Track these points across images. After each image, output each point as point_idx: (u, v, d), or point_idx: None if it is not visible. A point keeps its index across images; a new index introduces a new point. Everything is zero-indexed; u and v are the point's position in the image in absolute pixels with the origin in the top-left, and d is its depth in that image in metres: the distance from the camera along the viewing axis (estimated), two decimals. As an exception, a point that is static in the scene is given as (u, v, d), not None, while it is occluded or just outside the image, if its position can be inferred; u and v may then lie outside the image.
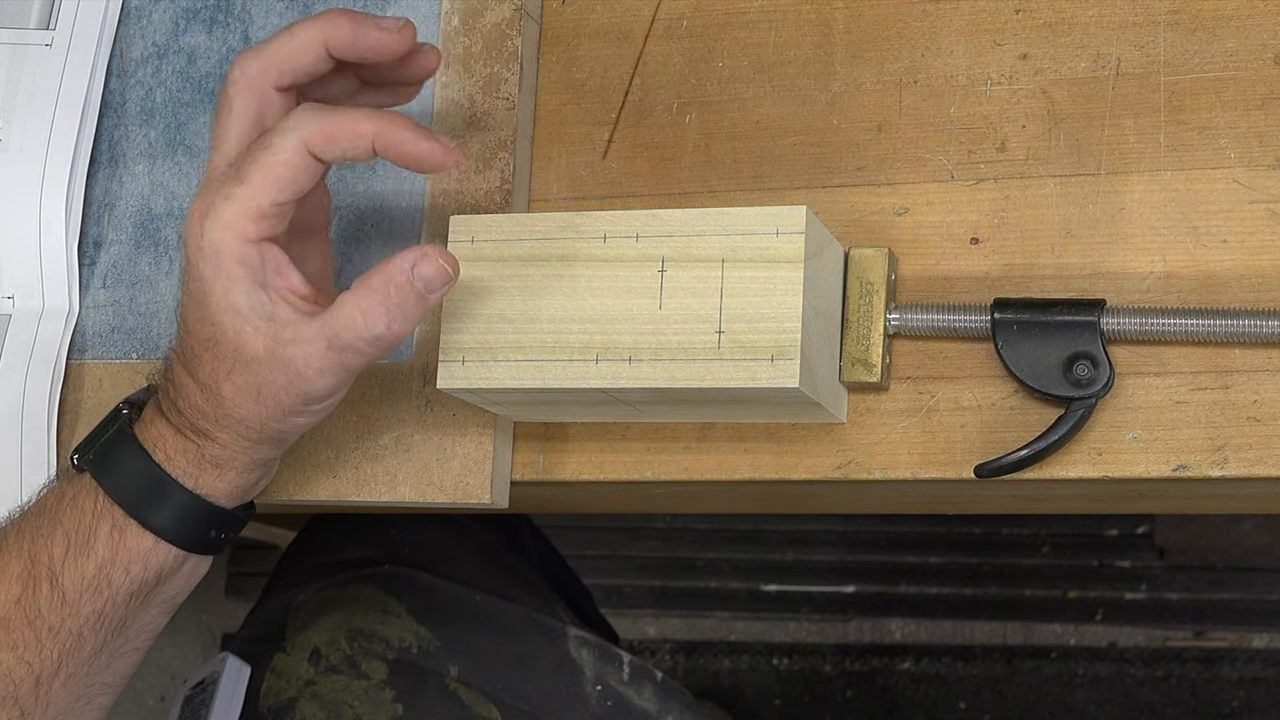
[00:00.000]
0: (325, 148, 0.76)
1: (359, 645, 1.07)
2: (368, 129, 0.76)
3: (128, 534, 0.82)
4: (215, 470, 0.82)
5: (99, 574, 0.82)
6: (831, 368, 0.83)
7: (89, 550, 0.82)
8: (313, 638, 1.09)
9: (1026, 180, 0.85)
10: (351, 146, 0.76)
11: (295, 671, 1.08)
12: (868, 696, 1.85)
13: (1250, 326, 0.79)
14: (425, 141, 0.77)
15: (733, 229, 0.79)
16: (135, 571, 0.82)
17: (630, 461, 0.88)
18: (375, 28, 0.79)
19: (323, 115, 0.76)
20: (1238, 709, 1.77)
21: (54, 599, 0.82)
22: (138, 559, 0.82)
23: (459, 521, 1.19)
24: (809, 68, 0.89)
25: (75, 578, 0.82)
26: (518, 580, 1.16)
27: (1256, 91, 0.83)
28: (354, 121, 0.76)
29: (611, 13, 0.92)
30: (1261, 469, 0.80)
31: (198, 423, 0.80)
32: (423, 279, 0.76)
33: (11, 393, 0.93)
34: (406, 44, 0.80)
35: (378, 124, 0.76)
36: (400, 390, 0.90)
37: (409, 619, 1.08)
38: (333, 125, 0.76)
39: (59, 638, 0.82)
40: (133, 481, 0.82)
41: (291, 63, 0.79)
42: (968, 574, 1.84)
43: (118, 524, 0.82)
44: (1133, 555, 1.80)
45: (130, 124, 0.97)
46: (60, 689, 0.83)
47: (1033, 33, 0.86)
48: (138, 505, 0.82)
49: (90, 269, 0.96)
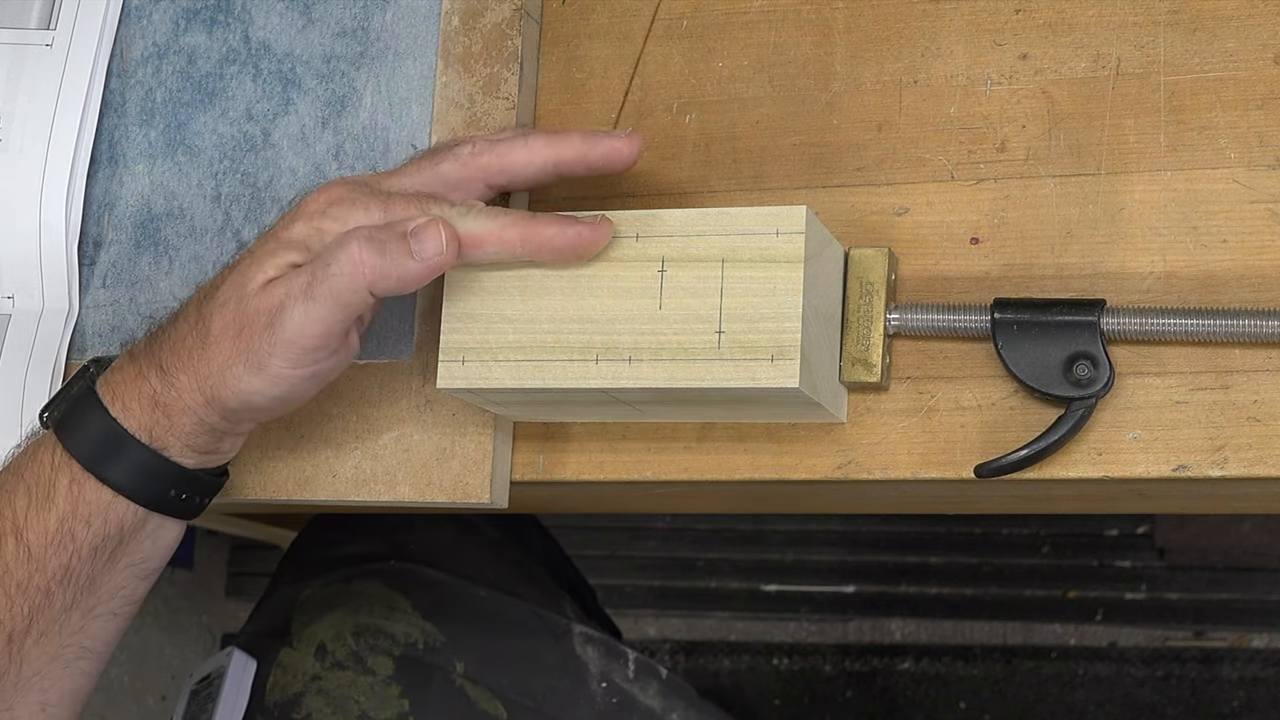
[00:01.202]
0: (472, 250, 0.79)
1: (365, 641, 1.07)
2: (514, 235, 0.79)
3: (86, 487, 0.83)
4: (166, 420, 0.82)
5: (61, 527, 0.82)
6: (831, 368, 0.83)
7: (50, 504, 0.83)
8: (319, 633, 1.09)
9: (1026, 180, 0.85)
10: (498, 251, 0.79)
11: (301, 666, 1.08)
12: (868, 696, 1.85)
13: (1250, 326, 0.79)
14: (571, 228, 0.79)
15: (733, 229, 0.79)
16: (96, 525, 0.83)
17: (630, 461, 0.88)
18: (607, 138, 0.82)
19: (468, 216, 0.79)
20: (1238, 709, 1.77)
21: (19, 554, 0.83)
22: (98, 512, 0.83)
23: (465, 518, 1.19)
24: (809, 68, 0.89)
25: (39, 531, 0.82)
26: (523, 576, 1.16)
27: (1256, 91, 0.83)
28: (501, 230, 0.79)
29: (611, 13, 0.92)
30: (1261, 469, 0.80)
31: (165, 357, 0.81)
32: (418, 244, 0.77)
33: (11, 392, 0.93)
34: (635, 150, 0.82)
35: (522, 229, 0.79)
36: (400, 390, 0.90)
37: (415, 615, 1.09)
38: (480, 232, 0.79)
39: (27, 593, 0.83)
40: (89, 435, 0.83)
41: (518, 172, 0.82)
42: (968, 574, 1.84)
43: (76, 477, 0.83)
44: (1133, 555, 1.80)
45: (130, 124, 0.97)
46: (34, 647, 0.84)
47: (1033, 33, 0.86)
48: (94, 459, 0.82)
49: (90, 269, 0.96)
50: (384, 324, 0.91)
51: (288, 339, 0.78)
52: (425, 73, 0.93)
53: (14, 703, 0.84)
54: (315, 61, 0.95)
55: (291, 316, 0.78)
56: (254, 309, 0.78)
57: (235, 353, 0.79)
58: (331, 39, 0.95)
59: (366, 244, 0.76)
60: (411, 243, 0.77)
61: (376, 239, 0.76)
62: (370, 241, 0.76)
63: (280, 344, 0.78)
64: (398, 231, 0.77)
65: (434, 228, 0.77)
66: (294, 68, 0.95)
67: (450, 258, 0.77)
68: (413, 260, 0.76)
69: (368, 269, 0.76)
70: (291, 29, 0.96)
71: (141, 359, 0.83)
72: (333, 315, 0.78)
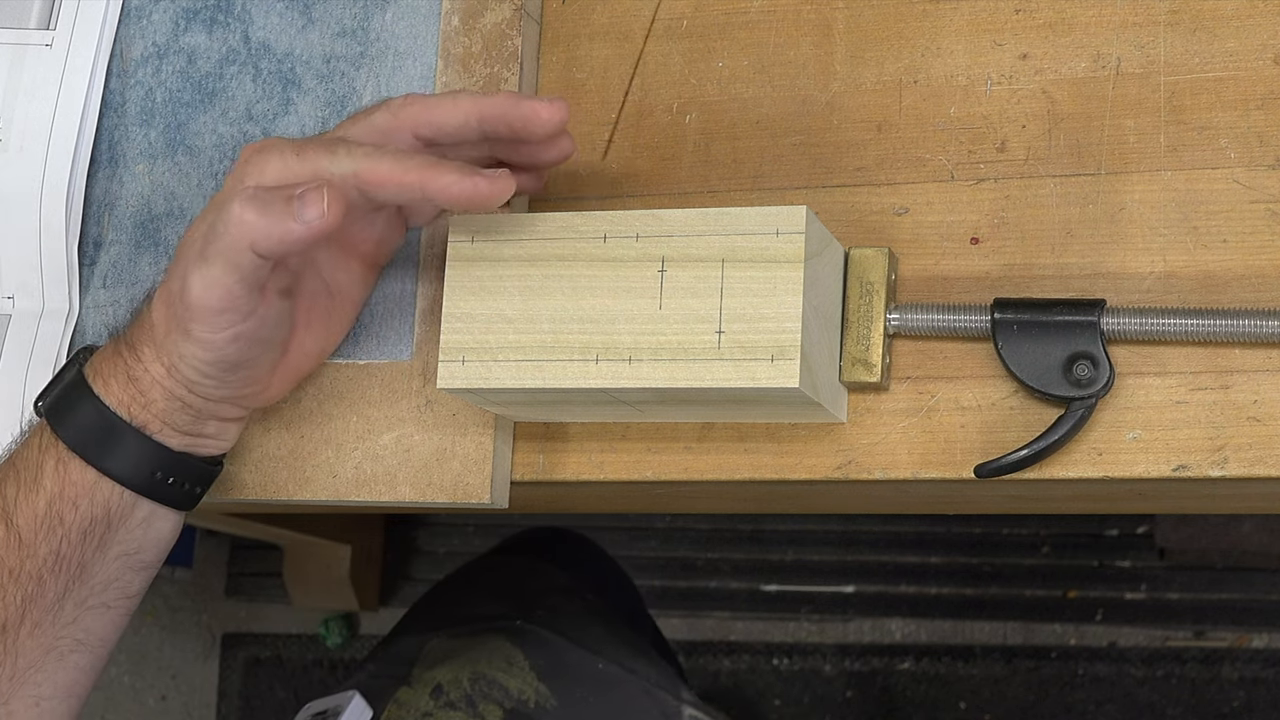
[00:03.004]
0: (374, 190, 0.79)
1: (480, 688, 1.09)
2: (414, 179, 0.78)
3: (71, 467, 0.83)
4: (141, 397, 0.83)
5: (49, 510, 0.83)
6: (831, 368, 0.83)
7: (38, 486, 0.83)
8: (438, 675, 1.11)
9: (1026, 180, 0.85)
10: (398, 191, 0.79)
11: (416, 704, 1.10)
12: (868, 696, 1.85)
13: (1250, 326, 0.79)
14: (469, 179, 0.78)
15: (733, 229, 0.79)
16: (84, 507, 0.83)
17: (630, 461, 0.88)
18: (530, 101, 0.81)
19: (374, 156, 0.79)
20: (1238, 709, 1.77)
21: (10, 540, 0.83)
22: (84, 493, 0.83)
23: (587, 598, 1.23)
24: (809, 68, 0.89)
25: (29, 515, 0.83)
26: (640, 654, 1.18)
27: (1256, 91, 0.83)
28: (404, 173, 0.78)
29: (611, 13, 0.92)
30: (1261, 469, 0.80)
31: (132, 332, 0.82)
32: (301, 206, 0.77)
33: (11, 393, 0.93)
34: (556, 116, 0.81)
35: (425, 171, 0.78)
36: (400, 390, 0.90)
37: (531, 675, 1.10)
38: (380, 168, 0.78)
39: (20, 582, 0.83)
40: (75, 416, 0.83)
41: (443, 124, 0.82)
42: (968, 574, 1.84)
43: (62, 458, 0.83)
44: (1133, 555, 1.80)
45: (130, 124, 0.97)
46: (28, 637, 0.84)
47: (1033, 33, 0.86)
48: (79, 440, 0.83)
49: (90, 269, 0.96)
50: (384, 324, 0.91)
51: (192, 302, 0.79)
52: (425, 73, 0.93)
53: (9, 696, 0.84)
54: (315, 61, 0.95)
55: (192, 280, 0.78)
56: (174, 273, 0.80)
57: (170, 319, 0.81)
58: (331, 39, 0.95)
59: (249, 203, 0.76)
60: (296, 205, 0.76)
61: (259, 198, 0.77)
62: (253, 200, 0.77)
63: (190, 308, 0.79)
64: (283, 195, 0.77)
65: (317, 193, 0.76)
66: (294, 68, 0.95)
67: (333, 220, 0.77)
68: (294, 222, 0.76)
69: (249, 228, 0.76)
70: (291, 29, 0.96)
71: (120, 339, 0.84)
72: (227, 276, 0.78)
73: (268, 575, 2.05)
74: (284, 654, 2.04)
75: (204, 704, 2.06)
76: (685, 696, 1.14)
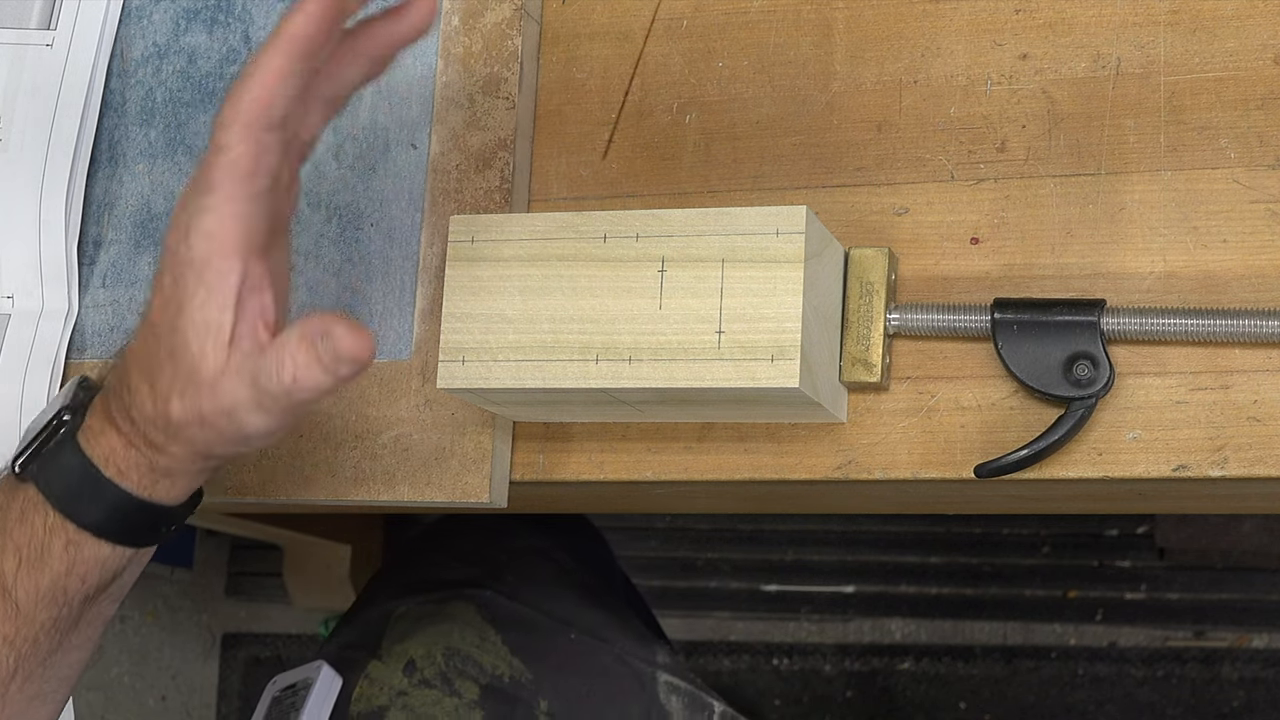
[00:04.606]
0: (268, 114, 0.74)
1: (454, 664, 1.08)
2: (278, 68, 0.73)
3: (84, 547, 0.81)
4: (168, 480, 0.80)
5: (54, 585, 0.81)
6: (831, 368, 0.83)
7: (43, 565, 0.81)
8: (409, 649, 1.09)
9: (1026, 180, 0.85)
10: (285, 101, 0.74)
11: (389, 680, 1.08)
12: (868, 696, 1.85)
13: (1250, 326, 0.79)
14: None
15: (733, 229, 0.79)
16: (92, 578, 0.82)
17: (630, 461, 0.88)
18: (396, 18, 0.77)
19: (242, 84, 0.74)
20: (1238, 709, 1.77)
21: (7, 610, 0.81)
22: (94, 567, 0.81)
23: (560, 561, 1.21)
24: (809, 68, 0.89)
25: (29, 590, 0.81)
26: (613, 622, 1.17)
27: (1256, 91, 0.83)
28: (266, 71, 0.73)
29: (611, 13, 0.92)
30: (1261, 469, 0.80)
31: (150, 434, 0.78)
32: (332, 348, 0.73)
33: (10, 392, 0.93)
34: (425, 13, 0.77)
35: (284, 49, 0.73)
36: (399, 390, 0.90)
37: (504, 649, 1.09)
38: (255, 86, 0.73)
39: (14, 645, 0.82)
40: (88, 500, 0.80)
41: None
42: (968, 574, 1.84)
43: (72, 539, 0.80)
44: (1133, 555, 1.80)
45: (130, 124, 0.97)
46: (17, 691, 0.83)
47: (1033, 33, 0.86)
48: (95, 523, 0.80)
49: (90, 269, 0.96)
50: (384, 323, 0.91)
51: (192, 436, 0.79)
52: (425, 73, 0.93)
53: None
54: (315, 61, 0.95)
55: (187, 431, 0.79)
56: None
57: (168, 434, 0.80)
58: (331, 39, 0.95)
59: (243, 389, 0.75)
60: (289, 374, 0.74)
61: (249, 372, 0.75)
62: (247, 383, 0.75)
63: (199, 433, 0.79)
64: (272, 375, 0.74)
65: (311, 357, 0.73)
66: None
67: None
68: (293, 388, 0.74)
69: (250, 414, 0.76)
70: (291, 29, 0.96)
71: (124, 427, 0.79)
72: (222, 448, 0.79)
73: (268, 575, 2.04)
74: (284, 654, 2.04)
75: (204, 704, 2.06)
76: (660, 660, 1.14)
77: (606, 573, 1.30)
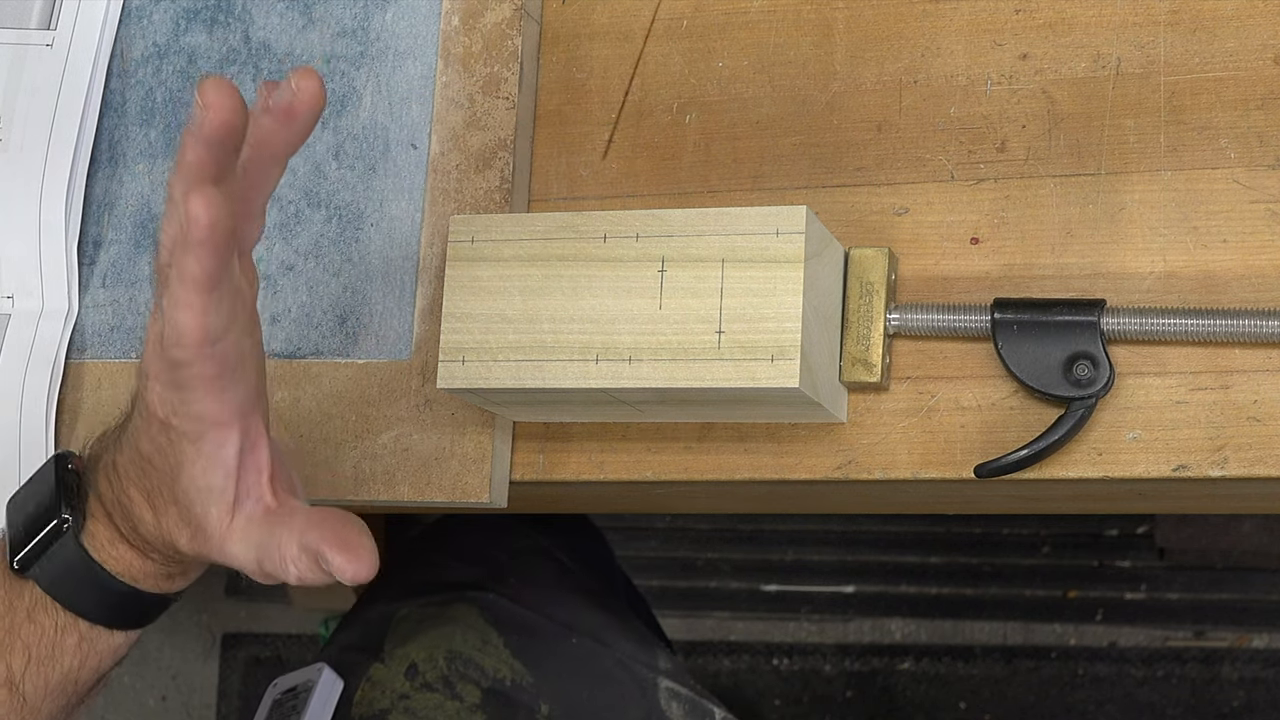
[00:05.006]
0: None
1: (456, 668, 1.08)
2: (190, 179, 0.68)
3: (97, 641, 0.82)
4: (183, 578, 0.82)
5: (65, 679, 0.82)
6: (831, 368, 0.83)
7: (54, 662, 0.81)
8: (411, 652, 1.09)
9: (1026, 180, 0.85)
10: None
11: (391, 684, 1.08)
12: (868, 696, 1.85)
13: (1250, 326, 0.79)
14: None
15: (733, 229, 0.79)
16: (105, 665, 0.83)
17: (630, 461, 0.88)
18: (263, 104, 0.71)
19: (166, 223, 0.69)
20: (1238, 709, 1.77)
21: (14, 703, 0.81)
22: (108, 656, 0.82)
23: (561, 562, 1.21)
24: (809, 68, 0.89)
25: (38, 684, 0.81)
26: (615, 626, 1.17)
27: (1256, 91, 0.83)
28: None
29: (611, 13, 0.92)
30: (1261, 469, 0.80)
31: (164, 550, 0.79)
32: (331, 567, 0.73)
33: (10, 392, 0.93)
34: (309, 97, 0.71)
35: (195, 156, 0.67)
36: (399, 390, 0.90)
37: (505, 653, 1.10)
38: (170, 220, 0.68)
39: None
40: (106, 606, 0.81)
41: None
42: (968, 574, 1.84)
43: (85, 635, 0.81)
44: (1133, 555, 1.80)
45: (130, 124, 0.97)
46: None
47: (1033, 33, 0.86)
48: (109, 619, 0.81)
49: (90, 269, 0.96)
50: (383, 323, 0.91)
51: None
52: (425, 73, 0.93)
53: None
54: (315, 61, 0.95)
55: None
56: None
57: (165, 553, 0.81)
58: (331, 39, 0.95)
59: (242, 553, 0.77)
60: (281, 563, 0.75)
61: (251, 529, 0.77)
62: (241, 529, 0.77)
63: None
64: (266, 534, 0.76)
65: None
66: (294, 67, 0.95)
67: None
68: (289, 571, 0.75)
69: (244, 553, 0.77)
70: (291, 29, 0.96)
71: (135, 541, 0.80)
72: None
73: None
74: (284, 654, 2.04)
75: (204, 704, 2.06)
76: (661, 666, 1.14)
77: (607, 573, 1.30)
